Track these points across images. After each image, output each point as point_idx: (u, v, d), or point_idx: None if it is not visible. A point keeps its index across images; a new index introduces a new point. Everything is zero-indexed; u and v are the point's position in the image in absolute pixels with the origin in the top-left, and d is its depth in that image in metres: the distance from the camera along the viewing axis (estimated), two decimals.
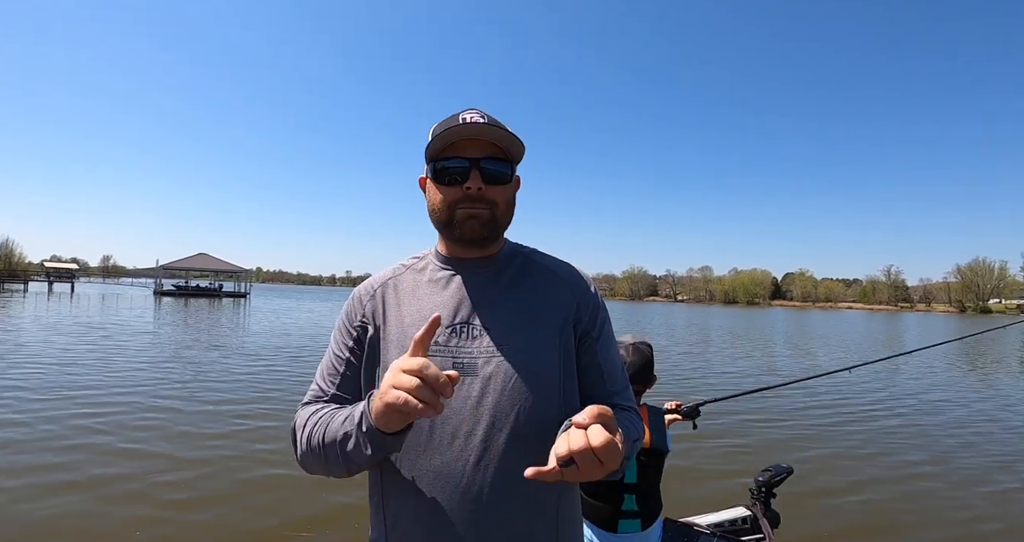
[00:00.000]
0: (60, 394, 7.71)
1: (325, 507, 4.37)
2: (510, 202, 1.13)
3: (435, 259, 1.20)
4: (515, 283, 1.14)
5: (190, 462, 5.19)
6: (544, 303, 1.12)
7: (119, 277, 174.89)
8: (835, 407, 9.01)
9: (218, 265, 63.03)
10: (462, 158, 1.07)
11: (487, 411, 1.02)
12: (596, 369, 1.14)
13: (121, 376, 9.32)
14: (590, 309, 1.15)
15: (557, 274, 1.18)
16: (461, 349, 1.06)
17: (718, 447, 6.35)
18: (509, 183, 1.11)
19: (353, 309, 1.18)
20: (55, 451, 5.34)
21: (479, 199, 1.07)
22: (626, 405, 1.16)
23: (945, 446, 6.79)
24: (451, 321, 1.08)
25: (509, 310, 1.10)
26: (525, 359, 1.06)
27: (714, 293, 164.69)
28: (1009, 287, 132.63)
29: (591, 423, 0.83)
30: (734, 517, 2.62)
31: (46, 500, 4.23)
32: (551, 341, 1.09)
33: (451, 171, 1.07)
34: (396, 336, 1.10)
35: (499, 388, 1.03)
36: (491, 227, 1.09)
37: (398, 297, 1.15)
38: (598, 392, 1.13)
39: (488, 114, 1.10)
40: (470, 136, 1.07)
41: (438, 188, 1.10)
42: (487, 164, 1.07)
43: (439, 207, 1.10)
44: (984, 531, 4.36)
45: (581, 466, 0.80)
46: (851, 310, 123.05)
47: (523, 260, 1.19)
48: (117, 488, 4.52)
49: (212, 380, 9.35)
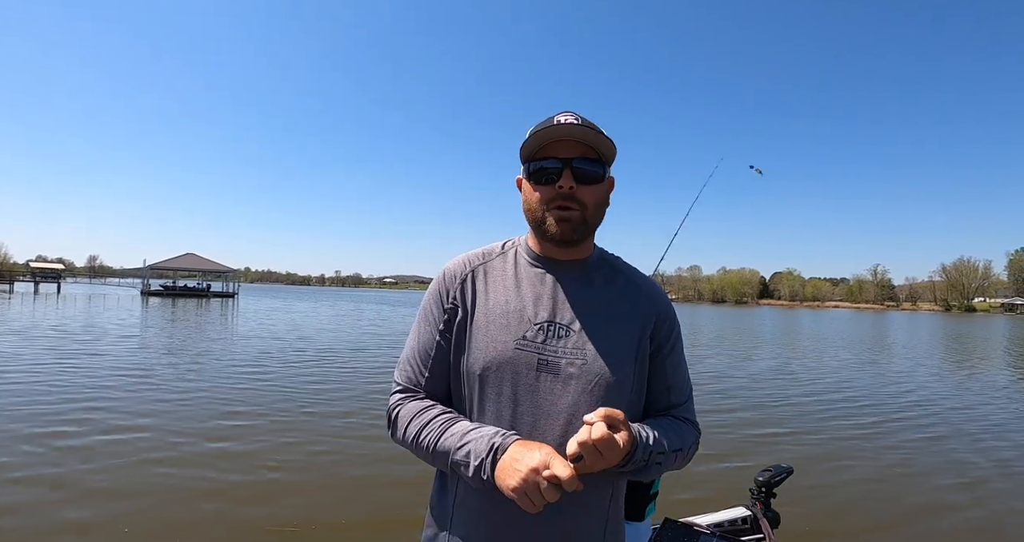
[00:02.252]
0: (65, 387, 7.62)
1: (311, 502, 4.38)
2: (601, 203, 1.15)
3: (525, 253, 1.22)
4: (603, 290, 1.18)
5: (180, 458, 5.13)
6: (627, 313, 1.16)
7: (106, 277, 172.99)
8: (835, 407, 9.07)
9: (206, 265, 62.61)
10: (555, 158, 1.10)
11: (564, 410, 1.07)
12: (663, 382, 1.19)
13: (113, 374, 9.21)
14: (667, 323, 1.20)
15: (640, 286, 1.22)
16: (547, 347, 1.10)
17: (718, 447, 6.37)
18: (601, 183, 1.14)
19: (445, 289, 1.19)
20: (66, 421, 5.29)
21: (571, 198, 1.10)
22: (683, 417, 1.21)
23: (945, 446, 6.83)
24: (540, 318, 1.12)
25: (595, 315, 1.14)
26: (605, 365, 1.10)
27: (703, 292, 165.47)
28: (993, 286, 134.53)
29: (596, 420, 0.94)
30: (734, 517, 2.61)
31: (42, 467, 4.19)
32: (630, 350, 1.13)
33: (545, 171, 1.11)
34: (482, 323, 1.13)
35: (579, 390, 1.08)
36: (582, 229, 1.12)
37: (488, 284, 1.18)
38: (660, 404, 1.20)
39: (582, 116, 1.13)
40: (562, 137, 1.10)
41: (533, 187, 1.13)
42: (579, 164, 1.10)
43: (534, 206, 1.13)
44: (985, 529, 4.39)
45: (586, 458, 0.92)
46: (838, 309, 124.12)
47: (610, 268, 1.23)
48: (105, 484, 4.46)
49: (201, 379, 9.25)
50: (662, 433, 1.09)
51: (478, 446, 0.99)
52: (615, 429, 0.95)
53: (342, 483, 4.86)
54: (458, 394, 1.15)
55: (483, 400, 1.10)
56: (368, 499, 4.52)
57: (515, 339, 1.09)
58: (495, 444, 0.98)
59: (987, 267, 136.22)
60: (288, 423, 6.76)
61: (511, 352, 1.09)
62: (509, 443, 0.98)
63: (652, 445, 1.05)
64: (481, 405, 1.11)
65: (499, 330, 1.11)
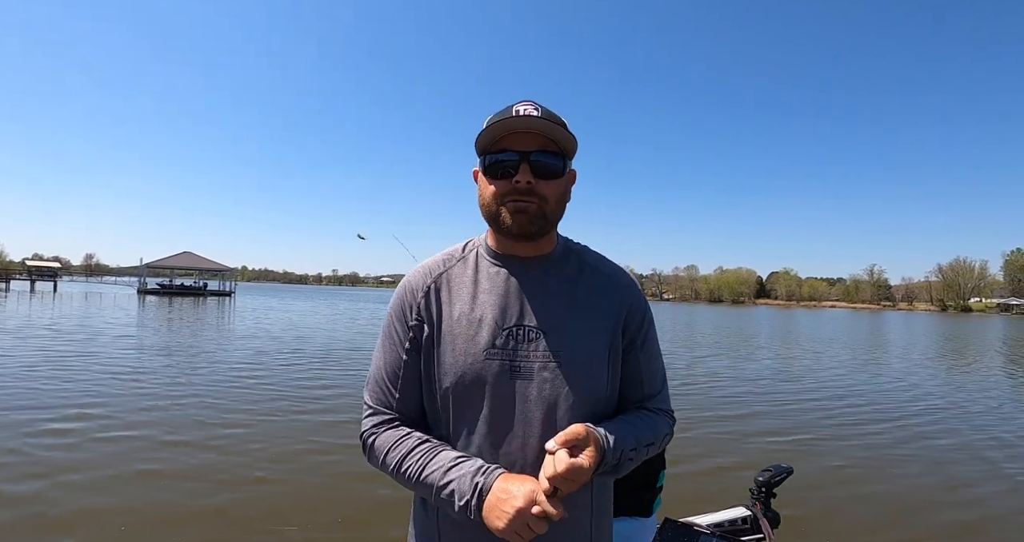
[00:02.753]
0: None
1: (310, 501, 4.38)
2: (561, 197, 1.10)
3: (485, 253, 1.17)
4: (569, 286, 1.14)
5: (175, 457, 5.11)
6: (597, 307, 1.13)
7: (102, 276, 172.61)
8: (835, 407, 9.08)
9: (203, 263, 62.47)
10: (513, 151, 1.05)
11: (541, 414, 1.05)
12: (637, 373, 1.16)
13: (106, 372, 9.18)
14: (638, 314, 1.17)
15: (608, 277, 1.18)
16: (518, 352, 1.06)
17: (718, 447, 6.37)
18: (561, 177, 1.09)
19: (407, 305, 1.15)
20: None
21: (528, 193, 1.05)
22: (657, 407, 1.18)
23: (945, 447, 6.83)
24: (508, 323, 1.08)
25: (564, 314, 1.10)
26: (580, 365, 1.07)
27: (700, 292, 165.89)
28: (989, 286, 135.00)
29: (557, 449, 0.95)
30: (734, 517, 2.61)
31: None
32: (603, 348, 1.10)
33: (502, 164, 1.06)
34: (448, 336, 1.10)
35: (554, 394, 1.05)
36: (540, 222, 1.07)
37: (451, 293, 1.14)
38: (635, 395, 1.18)
39: (543, 106, 1.08)
40: (520, 129, 1.05)
41: (489, 181, 1.09)
42: (538, 157, 1.05)
43: (489, 200, 1.09)
44: (985, 530, 4.39)
45: (561, 488, 0.93)
46: (835, 309, 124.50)
47: (576, 260, 1.18)
48: (100, 480, 4.45)
49: (196, 379, 9.22)
50: (631, 431, 1.07)
51: (462, 485, 0.97)
52: (579, 449, 0.95)
53: (339, 483, 4.84)
54: (432, 411, 1.12)
55: (458, 415, 1.07)
56: (364, 498, 4.50)
57: (484, 349, 1.06)
58: (479, 484, 0.97)
59: (983, 267, 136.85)
60: (284, 423, 6.74)
61: (481, 363, 1.05)
62: (492, 482, 0.96)
63: (619, 446, 1.02)
64: (456, 420, 1.07)
65: (467, 341, 1.07)
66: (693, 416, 7.85)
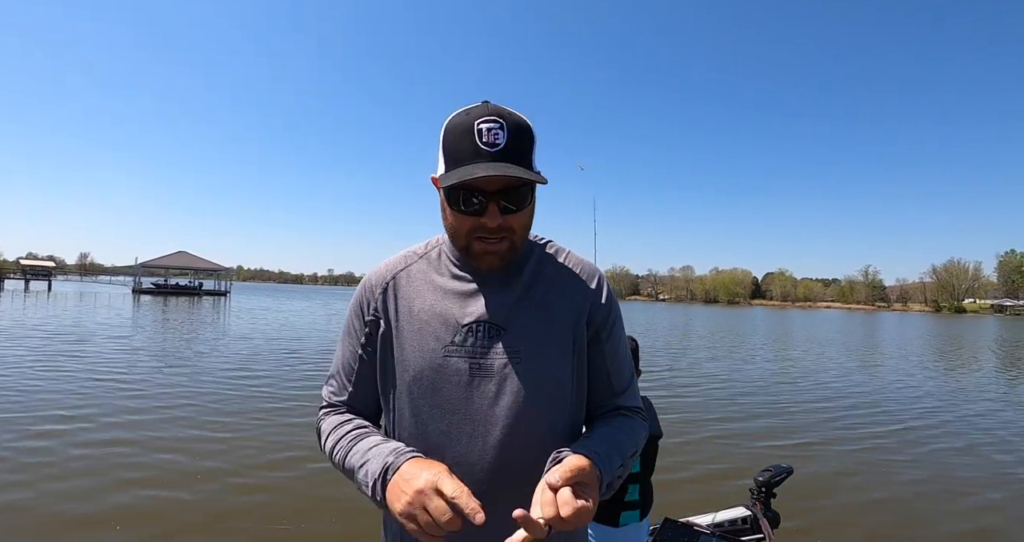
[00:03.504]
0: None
1: (301, 500, 4.43)
2: (527, 223, 1.05)
3: (449, 253, 1.14)
4: (531, 283, 1.11)
5: (165, 456, 5.10)
6: (559, 304, 1.09)
7: (97, 275, 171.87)
8: (834, 407, 9.10)
9: (198, 263, 62.22)
10: (479, 191, 0.97)
11: (503, 413, 1.02)
12: (603, 369, 1.13)
13: (97, 376, 9.15)
14: (602, 308, 1.13)
15: (571, 272, 1.14)
16: (477, 349, 1.03)
17: (718, 447, 6.38)
18: (530, 205, 1.03)
19: (364, 301, 1.14)
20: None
21: (497, 230, 1.00)
22: (630, 406, 1.15)
23: (944, 447, 6.83)
24: (468, 320, 1.05)
25: (526, 310, 1.07)
26: (541, 362, 1.04)
27: (695, 293, 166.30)
28: (983, 287, 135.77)
29: (562, 485, 0.83)
30: (734, 517, 2.62)
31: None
32: (565, 343, 1.07)
33: (467, 201, 0.99)
34: (408, 332, 1.08)
35: (515, 390, 1.02)
36: (509, 257, 1.05)
37: (410, 290, 1.11)
38: (604, 394, 1.14)
39: (507, 117, 0.97)
40: (486, 178, 0.94)
41: (453, 213, 1.02)
42: (506, 197, 0.98)
43: (455, 233, 1.05)
44: (985, 530, 4.41)
45: (555, 528, 0.82)
46: (830, 309, 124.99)
47: (538, 258, 1.15)
48: (90, 485, 4.43)
49: (189, 379, 9.21)
50: (615, 447, 1.00)
51: (373, 466, 0.93)
52: (582, 487, 0.85)
53: (334, 482, 4.83)
54: (389, 408, 1.10)
55: (416, 413, 1.05)
56: (357, 496, 4.48)
57: (443, 346, 1.04)
58: (388, 463, 0.91)
59: (977, 268, 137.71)
60: (277, 423, 6.74)
61: (440, 360, 1.03)
62: (402, 462, 0.90)
63: (610, 471, 0.95)
64: (414, 418, 1.05)
65: (425, 338, 1.05)
66: (693, 416, 7.87)
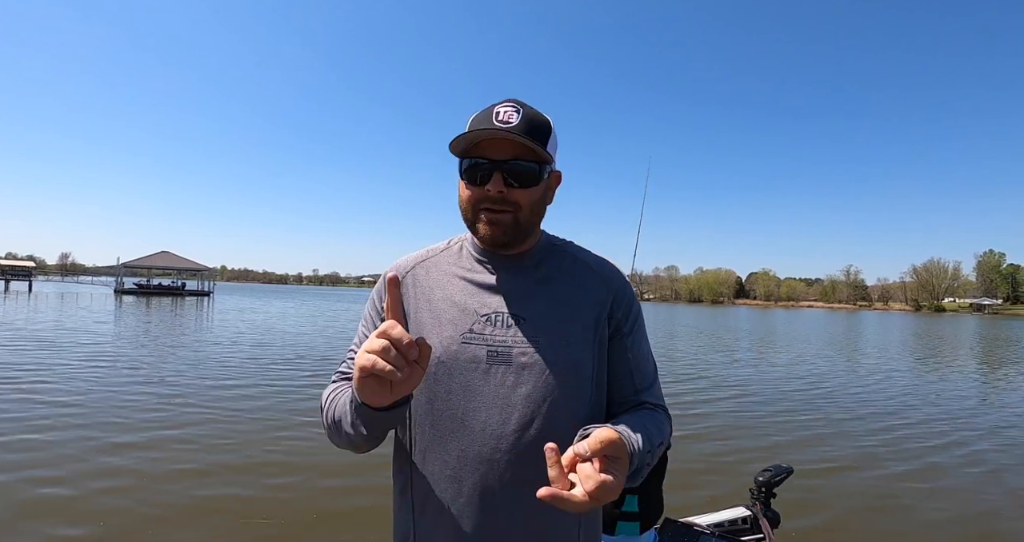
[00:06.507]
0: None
1: (283, 494, 4.48)
2: (537, 203, 1.08)
3: (470, 247, 1.17)
4: (550, 277, 1.13)
5: (158, 455, 4.99)
6: (579, 298, 1.10)
7: (78, 275, 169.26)
8: (833, 407, 9.12)
9: (181, 263, 61.57)
10: (485, 159, 1.03)
11: (520, 401, 1.02)
12: (625, 365, 1.13)
13: (95, 371, 9.02)
14: (624, 304, 1.14)
15: (592, 268, 1.16)
16: (496, 337, 1.04)
17: (718, 447, 6.39)
18: (538, 184, 1.06)
19: (384, 288, 1.13)
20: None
21: (501, 201, 1.03)
22: (653, 402, 1.15)
23: (943, 447, 6.82)
24: (487, 310, 1.07)
25: (545, 303, 1.09)
26: (560, 352, 1.05)
27: (680, 292, 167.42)
28: (963, 287, 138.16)
29: (590, 456, 0.81)
30: (734, 517, 2.61)
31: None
32: (585, 336, 1.08)
33: (477, 169, 1.04)
34: (426, 319, 1.08)
35: (533, 379, 1.03)
36: (513, 232, 1.06)
37: (429, 281, 1.14)
38: (626, 389, 1.13)
39: (526, 106, 1.05)
40: (492, 139, 1.03)
41: (465, 185, 1.07)
42: (512, 166, 1.03)
43: (465, 205, 1.08)
44: (985, 530, 4.42)
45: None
46: (812, 309, 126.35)
47: (558, 254, 1.17)
48: (76, 487, 4.35)
49: (180, 376, 9.08)
50: (643, 431, 0.98)
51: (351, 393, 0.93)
52: (611, 460, 0.82)
53: (317, 476, 4.82)
54: None
55: (431, 398, 1.05)
56: (339, 498, 4.46)
57: (461, 333, 1.05)
58: None
59: (956, 268, 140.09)
60: (271, 422, 6.66)
61: (457, 346, 1.04)
62: None
63: (640, 451, 0.93)
64: (429, 404, 1.06)
65: (443, 325, 1.06)
66: (693, 416, 7.89)
